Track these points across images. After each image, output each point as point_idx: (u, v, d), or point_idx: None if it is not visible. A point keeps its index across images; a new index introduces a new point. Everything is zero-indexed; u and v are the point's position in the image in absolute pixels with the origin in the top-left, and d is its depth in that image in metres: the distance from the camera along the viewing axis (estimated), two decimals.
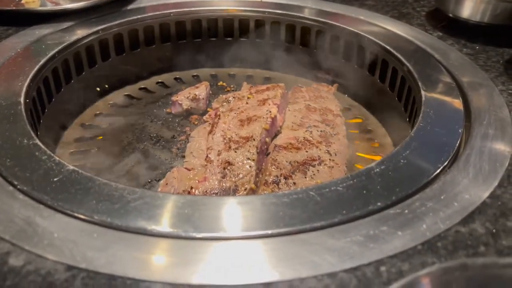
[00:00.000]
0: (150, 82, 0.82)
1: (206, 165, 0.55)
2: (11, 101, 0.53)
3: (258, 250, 0.35)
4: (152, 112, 0.72)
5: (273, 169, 0.54)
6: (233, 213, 0.39)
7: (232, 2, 0.85)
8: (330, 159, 0.57)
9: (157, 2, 0.83)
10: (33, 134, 0.48)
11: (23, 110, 0.52)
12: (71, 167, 0.43)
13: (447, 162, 0.45)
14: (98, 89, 0.76)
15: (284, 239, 0.37)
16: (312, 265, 0.34)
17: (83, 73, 0.73)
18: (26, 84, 0.57)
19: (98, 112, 0.73)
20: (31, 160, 0.44)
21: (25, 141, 0.47)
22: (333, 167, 0.56)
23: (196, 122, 0.68)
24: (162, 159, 0.61)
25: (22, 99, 0.54)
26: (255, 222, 0.38)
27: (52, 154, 0.45)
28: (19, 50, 0.65)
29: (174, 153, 0.62)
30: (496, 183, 0.43)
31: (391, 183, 0.42)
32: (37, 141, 0.47)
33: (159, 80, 0.83)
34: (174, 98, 0.70)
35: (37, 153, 0.45)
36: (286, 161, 0.55)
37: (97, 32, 0.73)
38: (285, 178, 0.53)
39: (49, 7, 0.79)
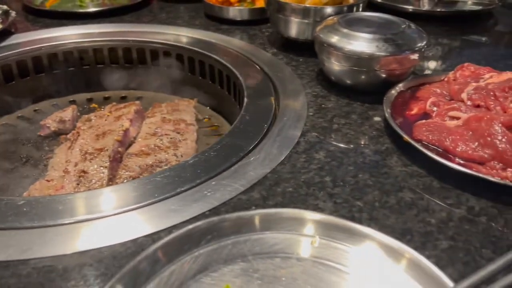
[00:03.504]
0: (27, 110, 0.90)
1: (64, 175, 0.64)
2: None
3: (83, 230, 0.46)
4: (26, 136, 0.79)
5: (123, 173, 0.65)
6: (66, 205, 0.49)
7: (101, 33, 0.95)
8: (176, 160, 0.69)
9: (30, 38, 0.92)
10: None
11: None
12: None
13: (247, 151, 0.58)
14: None
15: (103, 221, 0.47)
16: (119, 236, 0.45)
17: None
18: None
19: None
20: None
21: None
22: None
23: (63, 141, 0.77)
24: (30, 175, 0.69)
25: None
26: (80, 210, 0.48)
27: None
28: None
29: (41, 169, 0.70)
30: (278, 162, 0.57)
31: (199, 170, 0.55)
32: None
33: (36, 108, 0.91)
34: (42, 122, 0.78)
35: None
36: (136, 165, 0.66)
37: None
38: (133, 179, 0.64)
39: None
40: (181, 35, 0.96)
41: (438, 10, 1.11)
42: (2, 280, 0.40)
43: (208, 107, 0.93)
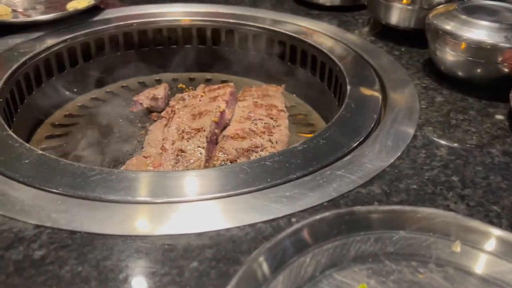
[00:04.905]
0: (115, 86, 0.90)
1: (161, 153, 0.63)
2: None
3: (195, 210, 0.44)
4: (116, 112, 0.79)
5: (220, 155, 0.63)
6: (179, 182, 0.47)
7: (189, 13, 0.93)
8: (271, 146, 0.66)
9: (121, 13, 0.92)
10: (6, 127, 0.55)
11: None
12: (40, 152, 0.51)
13: (358, 142, 0.54)
14: (67, 92, 0.83)
15: (215, 202, 0.45)
16: (237, 219, 0.42)
17: (53, 78, 0.80)
18: (0, 86, 0.64)
19: (67, 113, 0.80)
20: (5, 147, 0.51)
21: None
22: (273, 152, 0.65)
23: (155, 119, 0.76)
24: (124, 151, 0.68)
25: None
26: (190, 190, 0.46)
27: (24, 142, 0.52)
28: None
29: (135, 146, 0.70)
30: (396, 156, 0.52)
31: (310, 158, 0.51)
32: (10, 132, 0.54)
33: (124, 84, 0.91)
34: (135, 98, 0.78)
35: (10, 141, 0.52)
36: (233, 148, 0.64)
37: (65, 41, 0.81)
38: (231, 162, 0.62)
39: (20, 19, 0.87)
40: (270, 18, 0.93)
41: None
42: (124, 253, 0.38)
43: (294, 95, 0.89)
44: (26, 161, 0.49)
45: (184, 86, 0.89)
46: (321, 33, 0.86)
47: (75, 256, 0.38)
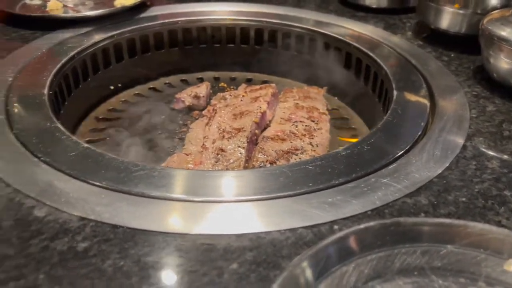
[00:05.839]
0: (158, 83, 0.91)
1: (202, 151, 0.63)
2: (37, 92, 0.62)
3: (236, 211, 0.43)
4: (159, 109, 0.80)
5: (260, 156, 0.62)
6: (220, 182, 0.47)
7: (233, 12, 0.94)
8: (312, 149, 0.65)
9: (166, 11, 0.93)
10: (54, 119, 0.57)
11: (46, 100, 0.61)
12: (85, 145, 0.52)
13: (405, 149, 0.52)
14: (111, 87, 0.85)
15: (255, 204, 0.44)
16: (277, 223, 0.42)
17: (99, 73, 0.82)
18: (49, 79, 0.66)
19: (111, 108, 0.82)
20: (52, 139, 0.53)
21: (48, 124, 0.56)
22: (314, 156, 0.64)
23: (196, 117, 0.76)
24: (165, 147, 0.69)
25: (46, 91, 0.63)
26: (230, 190, 0.46)
27: (70, 135, 0.54)
28: (44, 50, 0.74)
29: (176, 142, 0.70)
30: (444, 166, 0.50)
31: (353, 164, 0.50)
32: (58, 125, 0.56)
33: (167, 81, 0.92)
34: (177, 95, 0.78)
35: (57, 134, 0.54)
36: (272, 150, 0.63)
37: (112, 36, 0.82)
38: (270, 163, 0.61)
39: (70, 14, 0.89)
40: (314, 19, 0.91)
41: None
42: (164, 250, 0.39)
43: (336, 98, 0.88)
44: (72, 154, 0.50)
45: (225, 85, 0.89)
46: (367, 36, 0.84)
47: (117, 251, 0.38)
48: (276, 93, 0.76)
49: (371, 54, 0.77)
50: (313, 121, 0.71)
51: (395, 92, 0.65)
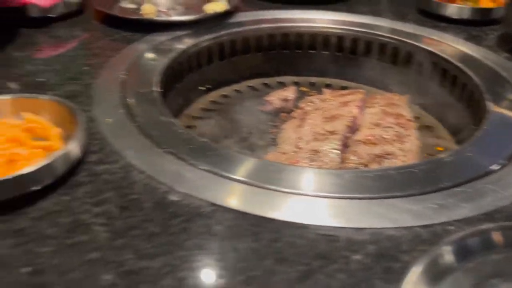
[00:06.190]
0: (242, 86, 0.96)
1: (296, 151, 0.67)
2: (148, 89, 0.68)
3: (352, 207, 0.46)
4: (246, 110, 0.84)
5: (354, 158, 0.65)
6: (335, 180, 0.50)
7: (316, 20, 0.97)
8: (402, 155, 0.67)
9: (253, 18, 0.97)
10: (170, 115, 0.62)
11: (158, 96, 0.66)
12: (203, 139, 0.56)
13: (507, 158, 0.54)
14: (202, 88, 0.91)
15: (369, 202, 0.47)
16: (392, 220, 0.45)
17: (192, 74, 0.87)
18: (159, 77, 0.71)
19: (202, 107, 0.87)
20: (171, 132, 0.58)
21: (164, 119, 0.61)
22: (404, 161, 0.66)
23: (285, 119, 0.80)
24: (258, 146, 0.73)
25: (156, 88, 0.68)
26: (345, 187, 0.49)
27: (186, 129, 0.58)
28: (147, 51, 0.80)
29: (267, 142, 0.74)
30: None
31: (458, 169, 0.52)
32: (173, 119, 0.61)
33: (249, 84, 0.96)
34: (266, 98, 0.83)
35: (174, 128, 0.59)
36: (365, 153, 0.66)
37: (205, 40, 0.88)
38: (363, 166, 0.64)
39: (165, 18, 0.95)
40: (395, 28, 0.93)
41: None
42: (289, 238, 0.42)
43: (417, 106, 0.89)
44: (192, 147, 0.55)
45: (307, 89, 0.93)
46: (451, 46, 0.85)
47: (249, 234, 0.42)
48: (365, 98, 0.79)
49: (458, 64, 0.78)
50: (402, 127, 0.73)
51: (488, 103, 0.66)
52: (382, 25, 0.95)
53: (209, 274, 0.39)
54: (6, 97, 0.56)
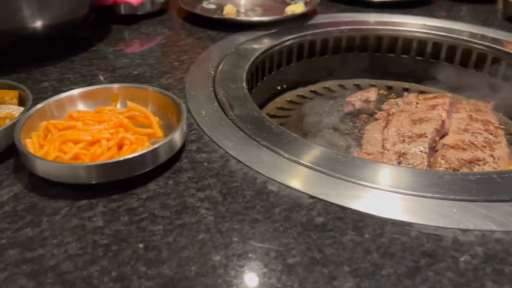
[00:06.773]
0: (318, 86, 0.96)
1: (382, 152, 0.66)
2: (237, 85, 0.70)
3: (455, 207, 0.45)
4: (325, 110, 0.85)
5: (443, 162, 0.63)
6: (436, 181, 0.49)
7: (394, 23, 0.96)
8: (493, 162, 0.64)
9: (331, 20, 0.98)
10: (259, 110, 0.63)
11: (247, 92, 0.68)
12: (294, 135, 0.57)
13: None
14: (278, 87, 0.92)
15: (474, 204, 0.46)
16: (500, 224, 0.43)
17: (272, 73, 0.89)
18: (244, 75, 0.73)
19: (279, 106, 0.89)
20: (264, 126, 0.59)
21: (255, 114, 0.62)
22: (496, 169, 0.64)
23: (365, 120, 0.80)
24: (341, 146, 0.73)
25: (244, 84, 0.70)
26: (448, 189, 0.48)
27: (278, 125, 0.60)
28: (232, 49, 0.82)
29: (349, 142, 0.74)
30: None
31: None
32: (264, 115, 0.62)
33: (325, 86, 0.97)
34: (348, 98, 0.83)
35: (266, 123, 0.60)
36: (454, 158, 0.64)
37: (286, 41, 0.89)
38: (453, 170, 0.62)
39: (247, 18, 0.98)
40: (486, 35, 0.90)
41: None
42: (393, 234, 0.42)
43: (501, 114, 0.86)
44: (285, 141, 0.56)
45: (385, 92, 0.92)
46: None
47: (351, 228, 0.43)
48: (452, 103, 0.77)
49: None
50: (491, 133, 0.70)
51: None
52: (464, 30, 0.93)
53: (315, 263, 0.40)
54: (112, 86, 0.60)
